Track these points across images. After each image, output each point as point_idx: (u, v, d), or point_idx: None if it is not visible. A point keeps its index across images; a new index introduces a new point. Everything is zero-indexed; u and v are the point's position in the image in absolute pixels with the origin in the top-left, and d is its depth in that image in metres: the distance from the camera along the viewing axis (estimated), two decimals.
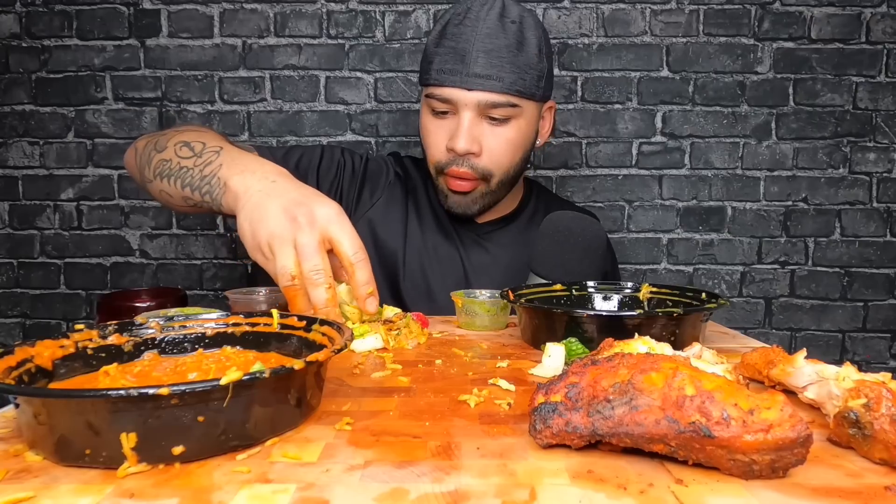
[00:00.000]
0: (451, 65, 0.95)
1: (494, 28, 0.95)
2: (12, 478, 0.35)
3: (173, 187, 0.81)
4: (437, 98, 0.97)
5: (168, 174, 0.81)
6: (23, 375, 0.43)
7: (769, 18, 1.56)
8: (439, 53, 0.97)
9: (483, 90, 0.94)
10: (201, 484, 0.34)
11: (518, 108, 0.97)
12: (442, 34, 0.98)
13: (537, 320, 0.67)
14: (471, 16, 0.96)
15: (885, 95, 1.58)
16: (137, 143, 0.92)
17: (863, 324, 1.64)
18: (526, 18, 0.98)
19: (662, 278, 1.63)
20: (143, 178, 0.87)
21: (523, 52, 0.96)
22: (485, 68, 0.94)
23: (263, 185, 0.70)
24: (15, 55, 1.59)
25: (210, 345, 0.55)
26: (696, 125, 1.60)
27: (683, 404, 0.35)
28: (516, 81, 0.95)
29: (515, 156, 1.02)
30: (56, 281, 1.66)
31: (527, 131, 1.02)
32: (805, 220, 1.62)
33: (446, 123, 0.99)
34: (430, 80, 0.98)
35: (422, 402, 0.49)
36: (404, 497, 0.33)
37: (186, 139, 0.83)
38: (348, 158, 1.12)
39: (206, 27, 1.58)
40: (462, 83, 0.95)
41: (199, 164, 0.78)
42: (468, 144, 0.96)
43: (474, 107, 0.96)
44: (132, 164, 0.93)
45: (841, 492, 0.33)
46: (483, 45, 0.94)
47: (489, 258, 1.10)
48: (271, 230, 0.66)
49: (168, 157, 0.82)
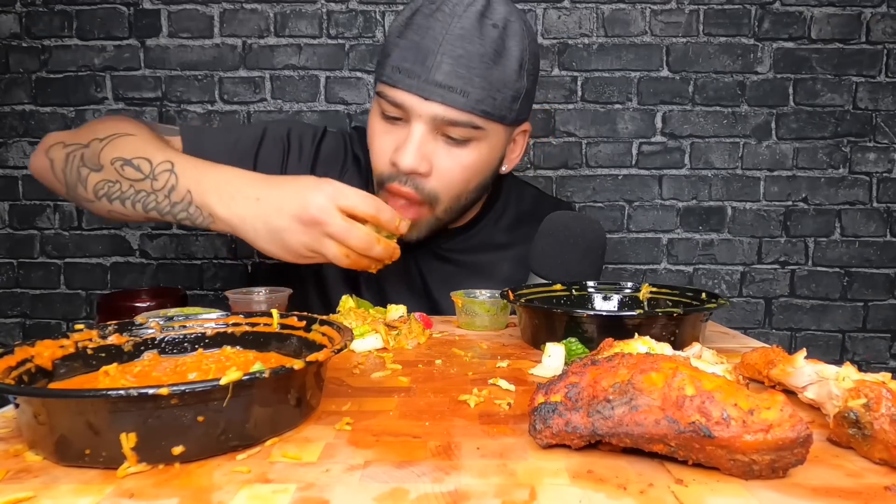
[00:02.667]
0: (409, 64, 0.79)
1: (470, 29, 0.78)
2: (12, 478, 0.35)
3: (130, 210, 0.76)
4: (387, 100, 0.82)
5: (120, 197, 0.75)
6: (23, 375, 0.43)
7: (769, 18, 1.56)
8: (399, 46, 0.81)
9: (442, 102, 0.79)
10: (201, 484, 0.34)
11: (481, 131, 0.82)
12: (408, 24, 0.82)
13: (537, 320, 0.67)
14: (445, 9, 0.80)
15: (885, 95, 1.58)
16: (51, 152, 0.81)
17: (863, 324, 1.64)
18: (512, 24, 0.82)
19: (662, 278, 1.63)
20: (77, 196, 0.80)
21: (499, 65, 0.80)
22: (448, 77, 0.78)
23: (253, 209, 0.72)
24: (15, 55, 1.59)
25: (210, 345, 0.55)
26: (696, 125, 1.60)
27: (683, 404, 0.35)
28: (484, 99, 0.80)
29: (470, 183, 0.87)
30: (56, 281, 1.66)
31: (488, 157, 0.86)
32: (805, 220, 1.62)
33: (396, 131, 0.84)
34: (384, 75, 0.82)
35: (422, 402, 0.49)
36: (404, 497, 0.33)
37: (123, 155, 0.76)
38: (296, 139, 0.96)
39: (206, 27, 1.58)
40: (418, 89, 0.79)
41: (159, 188, 0.74)
42: (415, 162, 0.81)
43: (429, 120, 0.80)
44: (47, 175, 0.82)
45: (841, 492, 0.33)
46: (451, 48, 0.78)
47: (451, 267, 0.98)
48: (301, 242, 0.71)
49: (112, 179, 0.75)
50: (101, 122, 0.85)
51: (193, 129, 0.93)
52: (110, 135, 0.79)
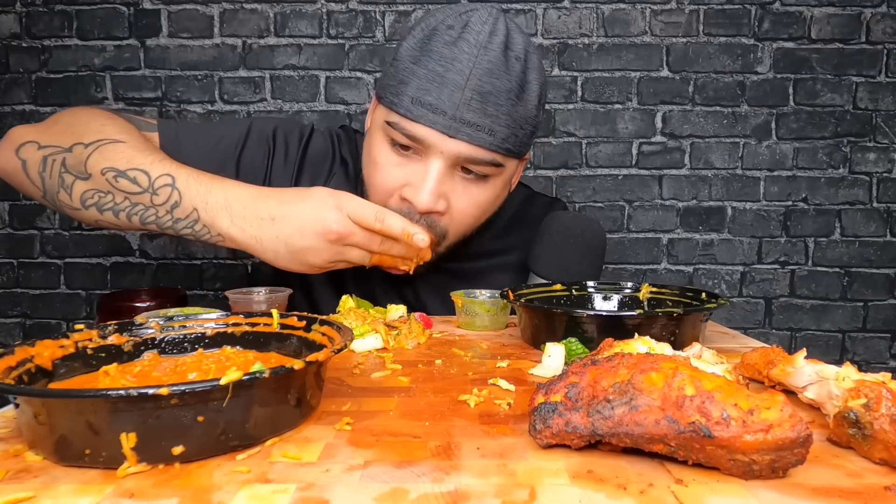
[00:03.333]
0: (433, 98, 0.73)
1: (497, 63, 0.74)
2: (12, 478, 0.35)
3: (125, 221, 0.72)
4: (404, 133, 0.76)
5: (113, 209, 0.71)
6: (23, 375, 0.43)
7: (769, 18, 1.56)
8: (418, 76, 0.75)
9: (469, 142, 0.74)
10: (201, 484, 0.34)
11: (501, 168, 0.79)
12: (425, 48, 0.75)
13: (537, 320, 0.67)
14: (469, 37, 0.74)
15: (885, 95, 1.58)
16: (22, 152, 0.74)
17: (863, 324, 1.64)
18: (531, 56, 0.78)
19: (662, 278, 1.64)
20: (57, 202, 0.74)
21: (523, 101, 0.77)
22: (477, 115, 0.73)
23: (270, 230, 0.70)
24: (15, 55, 1.59)
25: (210, 345, 0.55)
26: (696, 125, 1.60)
27: (683, 404, 0.35)
28: (508, 137, 0.76)
29: (480, 219, 0.85)
30: (56, 281, 1.66)
31: (501, 192, 0.85)
32: (805, 220, 1.62)
33: (408, 164, 0.79)
34: (400, 107, 0.76)
35: (422, 402, 0.49)
36: (404, 497, 0.33)
37: (115, 166, 0.70)
38: (280, 138, 0.91)
39: (206, 27, 1.58)
40: (444, 126, 0.73)
41: (160, 203, 0.70)
42: (432, 202, 0.76)
43: (451, 157, 0.76)
44: (18, 176, 0.75)
45: (841, 492, 0.33)
46: (480, 84, 0.73)
47: (442, 276, 0.94)
48: (324, 259, 0.71)
49: (104, 189, 0.71)
50: (73, 116, 0.79)
51: (172, 126, 0.87)
52: (95, 140, 0.73)
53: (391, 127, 0.77)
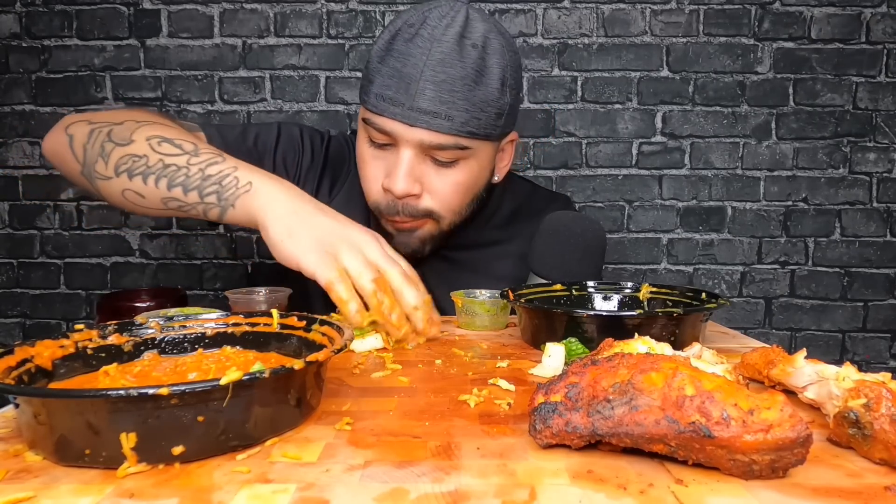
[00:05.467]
0: (392, 91, 0.80)
1: (450, 52, 0.79)
2: (12, 478, 0.35)
3: (151, 187, 0.73)
4: (374, 127, 0.83)
5: (144, 173, 0.73)
6: (23, 375, 0.43)
7: (769, 18, 1.56)
8: (381, 74, 0.82)
9: (428, 128, 0.80)
10: (201, 484, 0.34)
11: (468, 150, 0.84)
12: (388, 49, 0.82)
13: (537, 320, 0.67)
14: (424, 32, 0.80)
15: (885, 95, 1.58)
16: (72, 129, 0.80)
17: (863, 324, 1.64)
18: (491, 41, 0.82)
19: (662, 278, 1.64)
20: (91, 174, 0.77)
21: (482, 85, 0.81)
22: (432, 103, 0.79)
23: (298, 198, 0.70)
24: (15, 55, 1.59)
25: (210, 345, 0.55)
26: (696, 125, 1.60)
27: (683, 404, 0.35)
28: (469, 121, 0.81)
29: (465, 198, 0.89)
30: (56, 281, 1.66)
31: (478, 173, 0.88)
32: (805, 220, 1.62)
33: (385, 156, 0.86)
34: (368, 103, 0.83)
35: (422, 402, 0.49)
36: (404, 497, 0.33)
37: (162, 133, 0.75)
38: (307, 140, 0.99)
39: (206, 27, 1.58)
40: (403, 117, 0.80)
41: (197, 162, 0.72)
42: (407, 186, 0.83)
43: (416, 145, 0.82)
44: (63, 152, 0.80)
45: (841, 492, 0.33)
46: (433, 74, 0.79)
47: (448, 265, 0.99)
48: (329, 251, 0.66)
49: (141, 153, 0.73)
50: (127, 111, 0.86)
51: (213, 126, 0.94)
52: (149, 120, 0.79)
53: (365, 123, 0.85)
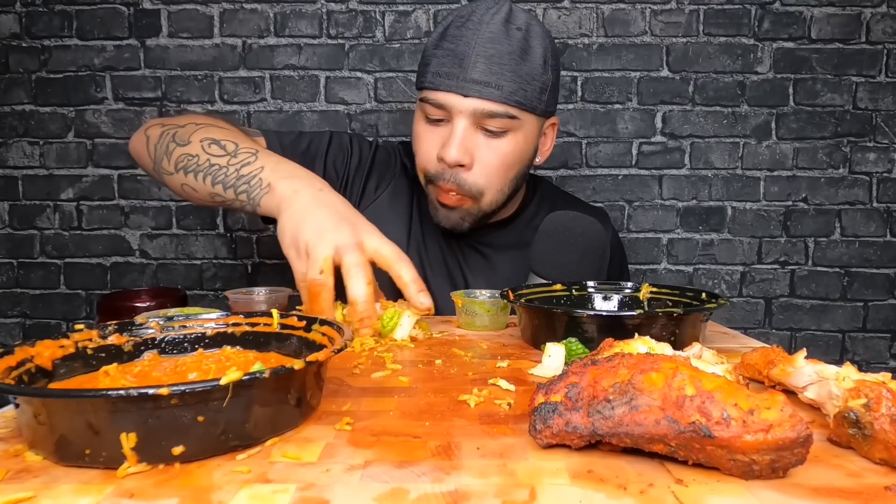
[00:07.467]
0: (448, 68, 0.90)
1: (498, 33, 0.90)
2: (12, 478, 0.35)
3: (201, 183, 0.82)
4: (431, 103, 0.92)
5: (195, 170, 0.82)
6: (23, 375, 0.43)
7: (769, 18, 1.56)
8: (437, 56, 0.92)
9: (480, 97, 0.89)
10: (201, 484, 0.34)
11: (517, 121, 0.92)
12: (442, 36, 0.94)
13: (537, 320, 0.67)
14: (474, 18, 0.92)
15: (885, 95, 1.57)
16: (149, 131, 0.91)
17: (863, 324, 1.64)
18: (533, 27, 0.93)
19: (662, 278, 1.63)
20: (160, 169, 0.87)
21: (527, 62, 0.91)
22: (484, 74, 0.89)
23: (311, 192, 0.74)
24: (15, 55, 1.59)
25: (210, 345, 0.55)
26: (696, 125, 1.60)
27: (683, 404, 0.35)
28: (516, 91, 0.90)
29: (510, 172, 0.97)
30: (56, 281, 1.66)
31: (524, 147, 0.96)
32: (805, 220, 1.61)
33: (439, 131, 0.94)
34: (426, 83, 0.93)
35: (422, 402, 0.49)
36: (404, 497, 0.33)
37: (213, 136, 0.84)
38: (356, 146, 1.09)
39: (206, 27, 1.58)
40: (458, 88, 0.89)
41: (235, 163, 0.80)
42: (459, 154, 0.91)
43: (470, 115, 0.90)
44: (142, 151, 0.92)
45: (841, 492, 0.33)
46: (484, 50, 0.89)
47: (485, 263, 1.07)
48: (316, 229, 0.69)
49: (194, 153, 0.83)
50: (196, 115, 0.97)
51: (272, 132, 1.05)
52: (209, 123, 0.89)
53: (423, 102, 0.94)
